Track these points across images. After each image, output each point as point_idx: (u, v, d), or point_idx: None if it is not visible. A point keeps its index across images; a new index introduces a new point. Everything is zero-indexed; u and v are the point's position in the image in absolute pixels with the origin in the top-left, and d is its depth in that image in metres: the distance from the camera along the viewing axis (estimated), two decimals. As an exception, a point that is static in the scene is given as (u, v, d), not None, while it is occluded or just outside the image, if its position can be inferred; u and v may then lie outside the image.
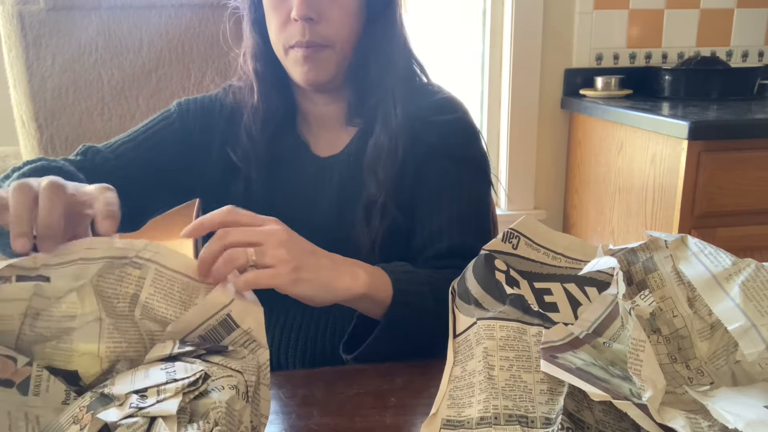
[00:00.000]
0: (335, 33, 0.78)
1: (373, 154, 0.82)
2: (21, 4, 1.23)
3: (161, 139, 0.86)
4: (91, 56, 1.28)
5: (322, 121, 0.89)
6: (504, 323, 0.55)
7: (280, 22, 0.79)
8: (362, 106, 0.86)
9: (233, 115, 0.88)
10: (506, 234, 0.65)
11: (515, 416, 0.47)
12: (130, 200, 0.81)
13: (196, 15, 1.30)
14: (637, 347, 0.47)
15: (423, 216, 0.83)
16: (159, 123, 0.88)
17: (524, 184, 2.01)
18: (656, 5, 1.94)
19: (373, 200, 0.81)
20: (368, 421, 0.53)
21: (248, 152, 0.85)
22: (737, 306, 0.52)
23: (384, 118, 0.83)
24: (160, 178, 0.85)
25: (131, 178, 0.81)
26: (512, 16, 1.88)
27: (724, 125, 1.40)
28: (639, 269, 0.61)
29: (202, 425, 0.42)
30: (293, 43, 0.78)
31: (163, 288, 0.53)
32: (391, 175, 0.81)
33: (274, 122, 0.86)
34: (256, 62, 0.86)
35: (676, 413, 0.44)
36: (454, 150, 0.84)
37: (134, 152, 0.84)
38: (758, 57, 2.05)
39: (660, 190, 1.51)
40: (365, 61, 0.83)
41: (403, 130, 0.82)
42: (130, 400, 0.42)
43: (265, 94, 0.85)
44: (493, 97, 2.00)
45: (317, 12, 0.76)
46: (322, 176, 0.86)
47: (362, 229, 0.81)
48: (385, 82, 0.83)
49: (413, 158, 0.83)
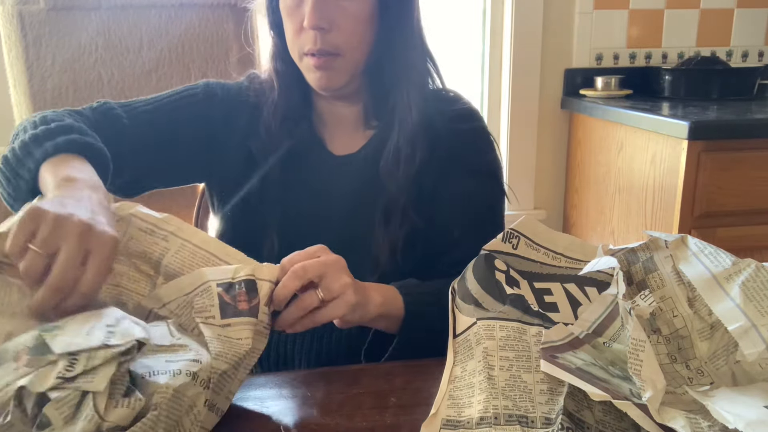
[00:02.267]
0: (346, 42, 0.79)
1: (392, 158, 0.83)
2: (21, 4, 1.23)
3: (182, 115, 0.86)
4: (91, 56, 1.28)
5: (339, 121, 0.89)
6: (504, 323, 0.55)
7: (295, 29, 0.80)
8: (379, 109, 0.86)
9: (256, 109, 0.88)
10: (506, 234, 0.65)
11: (515, 416, 0.47)
12: (137, 166, 0.82)
13: (196, 15, 1.30)
14: (637, 347, 0.47)
15: (441, 224, 0.84)
16: (183, 98, 0.88)
17: (524, 184, 2.01)
18: (656, 5, 1.94)
19: (394, 204, 0.83)
20: (368, 421, 0.53)
21: (266, 147, 0.86)
22: (737, 306, 0.52)
23: (401, 123, 0.83)
24: (172, 152, 0.85)
25: (142, 144, 0.82)
26: (512, 16, 1.88)
27: (724, 125, 1.40)
28: (639, 269, 0.61)
29: (132, 402, 0.43)
30: (306, 50, 0.79)
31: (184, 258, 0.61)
32: (410, 179, 0.82)
33: (292, 119, 0.87)
34: (276, 61, 0.87)
35: (676, 413, 0.44)
36: (473, 160, 0.87)
37: (151, 120, 0.84)
38: (758, 57, 2.05)
39: (660, 190, 1.51)
40: (382, 65, 0.84)
41: (421, 135, 0.83)
42: (58, 368, 0.43)
43: (284, 91, 0.87)
44: (493, 97, 2.00)
45: (328, 21, 0.77)
46: (337, 174, 0.87)
47: (381, 232, 0.82)
48: (401, 85, 0.84)
49: (434, 165, 0.84)
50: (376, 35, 0.82)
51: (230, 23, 1.32)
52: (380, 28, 0.82)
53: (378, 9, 0.81)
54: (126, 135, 0.81)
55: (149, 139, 0.83)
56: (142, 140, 0.82)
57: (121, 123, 0.81)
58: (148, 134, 0.83)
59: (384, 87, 0.85)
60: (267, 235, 0.84)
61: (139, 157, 0.82)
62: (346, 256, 0.65)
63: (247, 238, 0.82)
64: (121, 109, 0.83)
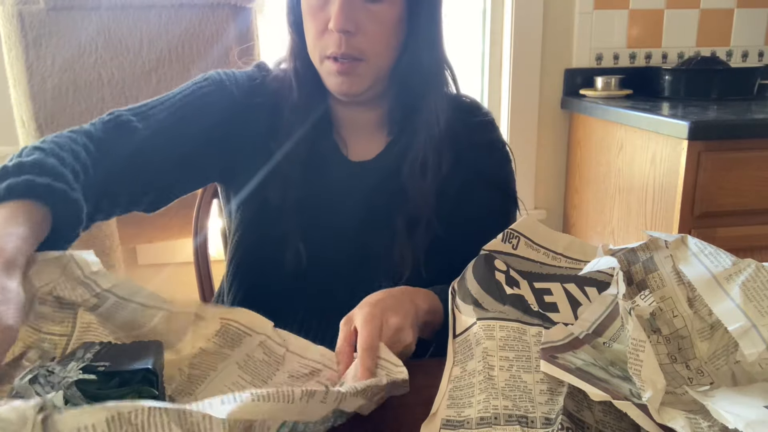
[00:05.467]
0: (370, 47, 0.77)
1: (418, 167, 0.82)
2: (21, 4, 1.23)
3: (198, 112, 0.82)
4: (91, 56, 1.28)
5: (356, 126, 0.88)
6: (504, 323, 0.55)
7: (318, 31, 0.78)
8: (402, 115, 0.85)
9: (275, 101, 0.86)
10: (506, 234, 0.65)
11: (515, 416, 0.47)
12: (160, 177, 0.79)
13: (196, 15, 1.30)
14: (637, 347, 0.47)
15: (462, 236, 0.82)
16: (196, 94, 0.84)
17: (524, 184, 2.01)
18: (656, 5, 1.94)
19: (418, 214, 0.82)
20: (368, 421, 0.53)
21: (286, 149, 0.84)
22: (737, 306, 0.52)
23: (428, 131, 0.82)
24: (191, 154, 0.81)
25: (162, 153, 0.78)
26: (512, 16, 1.88)
27: (724, 125, 1.40)
28: (639, 269, 0.61)
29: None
30: (329, 53, 0.77)
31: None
32: (434, 189, 0.82)
33: (311, 122, 0.85)
34: (295, 61, 0.85)
35: (676, 413, 0.44)
36: (492, 173, 0.88)
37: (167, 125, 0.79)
38: (758, 57, 2.05)
39: (660, 190, 1.51)
40: (407, 71, 0.82)
41: (447, 144, 0.83)
42: None
43: (305, 93, 0.84)
44: (493, 97, 2.00)
45: (355, 24, 0.75)
46: (354, 181, 0.85)
47: (403, 243, 0.81)
48: (428, 93, 0.83)
49: (457, 176, 0.84)
50: (401, 41, 0.80)
51: (230, 23, 1.32)
52: (407, 34, 0.80)
53: (406, 14, 0.78)
54: (144, 142, 0.77)
55: (168, 141, 0.79)
56: (161, 143, 0.79)
57: (136, 131, 0.77)
58: (165, 137, 0.79)
59: (409, 94, 0.83)
60: (290, 245, 0.82)
61: (161, 161, 0.78)
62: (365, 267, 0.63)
63: (266, 246, 0.81)
64: (133, 116, 0.78)
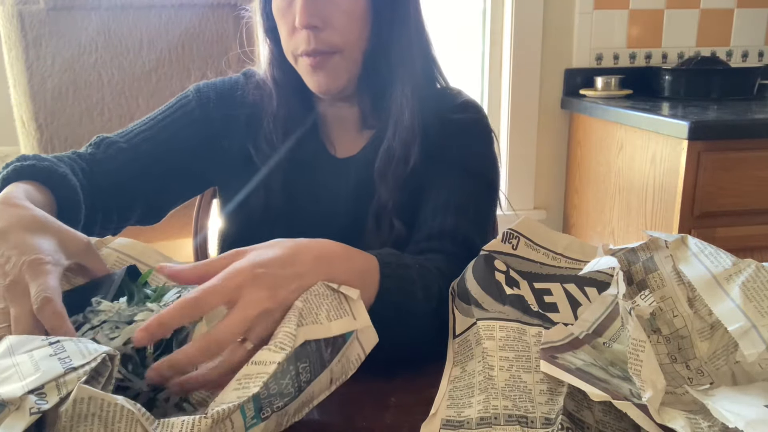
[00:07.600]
0: (341, 39, 0.77)
1: (384, 160, 0.81)
2: (21, 4, 1.23)
3: (180, 129, 0.84)
4: (91, 56, 1.28)
5: (341, 123, 0.88)
6: (504, 323, 0.55)
7: (288, 31, 0.78)
8: (376, 109, 0.84)
9: (255, 110, 0.86)
10: (506, 234, 0.65)
11: (515, 416, 0.47)
12: (148, 193, 0.81)
13: (196, 15, 1.30)
14: (637, 347, 0.47)
15: (423, 210, 0.81)
16: (176, 111, 0.85)
17: (524, 184, 2.01)
18: (656, 5, 1.94)
19: (383, 208, 0.80)
20: (368, 421, 0.53)
21: (268, 158, 0.84)
22: (737, 306, 0.52)
23: (396, 123, 0.81)
24: (178, 169, 0.83)
25: (148, 169, 0.80)
26: (512, 16, 1.88)
27: (724, 125, 1.40)
28: (639, 269, 0.61)
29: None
30: (300, 51, 0.77)
31: None
32: (400, 182, 0.80)
33: (293, 128, 0.84)
34: (273, 69, 0.85)
35: (676, 413, 0.44)
36: (459, 152, 0.83)
37: (151, 143, 0.82)
38: (758, 57, 2.05)
39: (660, 190, 1.51)
40: (377, 64, 0.81)
41: (416, 136, 0.80)
42: (28, 404, 0.36)
43: (284, 101, 0.84)
44: (493, 97, 2.00)
45: (321, 19, 0.75)
46: (339, 177, 0.85)
47: (373, 238, 0.81)
48: (397, 84, 0.81)
49: (425, 165, 0.81)
50: (370, 33, 0.79)
51: (230, 23, 1.32)
52: (375, 25, 0.79)
53: (371, 4, 0.78)
54: (129, 159, 0.79)
55: (153, 158, 0.81)
56: (146, 160, 0.81)
57: (121, 152, 0.80)
58: (150, 153, 0.81)
59: (380, 86, 0.83)
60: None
61: (147, 178, 0.80)
62: None
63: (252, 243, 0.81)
64: (119, 137, 0.81)
